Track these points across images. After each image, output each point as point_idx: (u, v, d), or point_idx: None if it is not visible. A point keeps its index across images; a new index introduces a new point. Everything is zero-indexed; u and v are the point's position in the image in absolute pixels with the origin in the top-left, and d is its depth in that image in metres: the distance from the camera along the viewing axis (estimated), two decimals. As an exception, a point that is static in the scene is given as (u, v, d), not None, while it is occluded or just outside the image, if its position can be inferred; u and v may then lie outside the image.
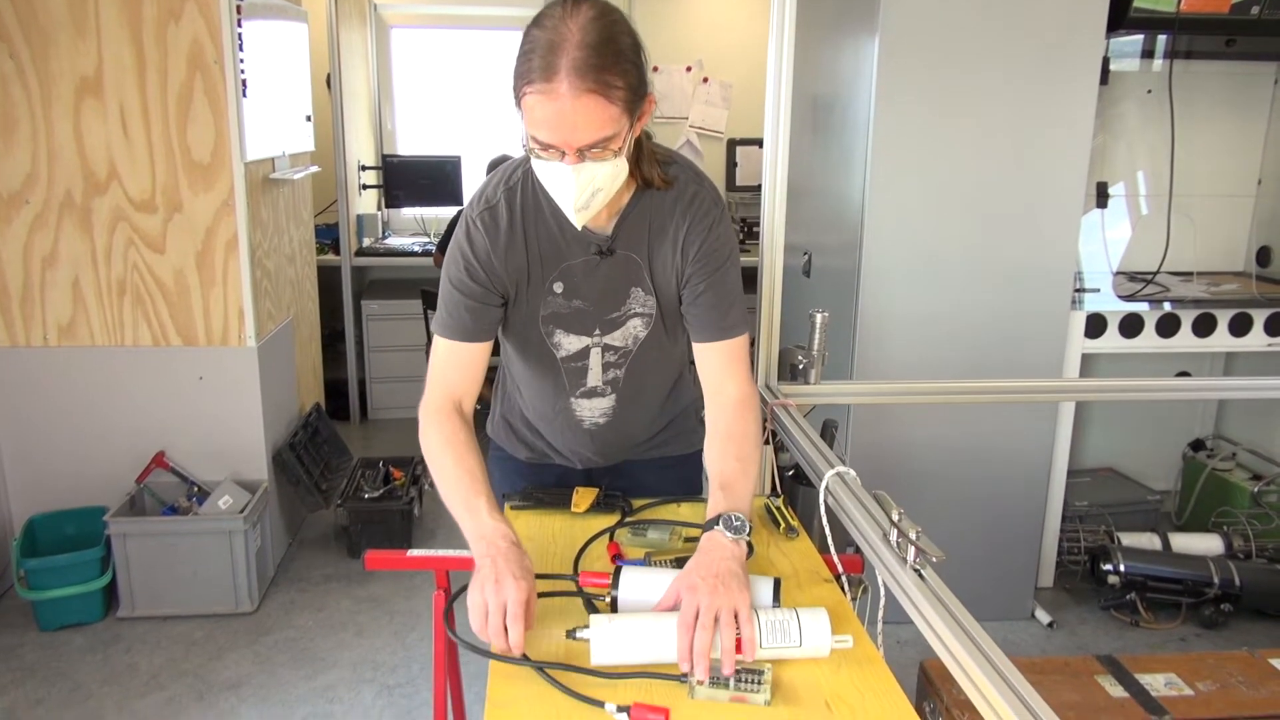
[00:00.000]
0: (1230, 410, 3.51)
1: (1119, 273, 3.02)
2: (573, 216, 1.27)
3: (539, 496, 1.54)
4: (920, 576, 1.12)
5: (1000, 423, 2.76)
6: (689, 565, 1.16)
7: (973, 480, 2.78)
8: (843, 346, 2.68)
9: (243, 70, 2.72)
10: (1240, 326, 2.91)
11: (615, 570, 1.20)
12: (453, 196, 4.75)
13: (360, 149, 4.76)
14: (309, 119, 3.51)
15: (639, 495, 1.55)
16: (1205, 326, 2.90)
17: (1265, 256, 3.19)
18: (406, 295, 4.38)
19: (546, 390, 1.50)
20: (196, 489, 2.91)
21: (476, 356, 1.39)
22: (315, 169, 3.58)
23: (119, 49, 2.65)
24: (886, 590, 1.18)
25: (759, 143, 3.40)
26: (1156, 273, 2.94)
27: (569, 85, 1.11)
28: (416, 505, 3.34)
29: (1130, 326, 2.88)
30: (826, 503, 1.37)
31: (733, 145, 4.98)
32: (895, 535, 1.17)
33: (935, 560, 1.12)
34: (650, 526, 1.44)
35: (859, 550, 1.29)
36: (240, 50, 2.70)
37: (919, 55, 2.51)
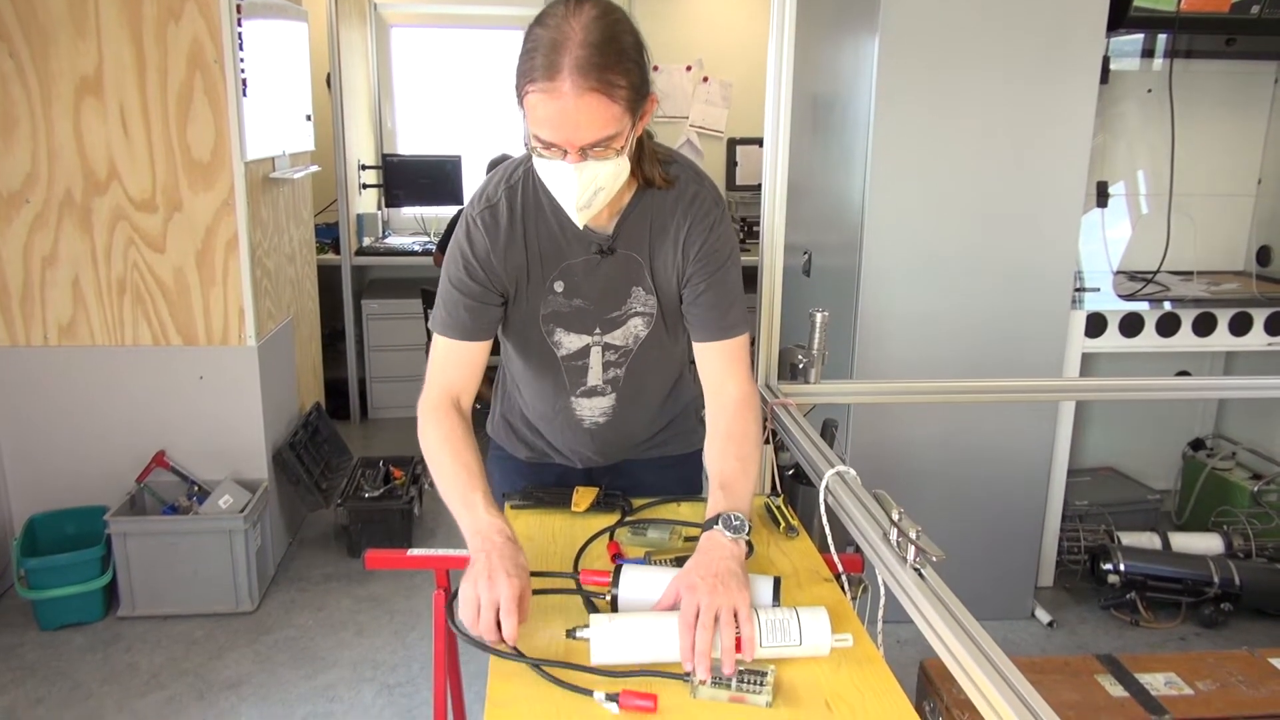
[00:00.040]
0: (1230, 410, 3.51)
1: (1119, 272, 3.02)
2: (575, 215, 1.27)
3: (539, 496, 1.54)
4: (920, 576, 1.12)
5: (1000, 422, 2.76)
6: (688, 564, 1.16)
7: (973, 480, 2.78)
8: (843, 346, 2.68)
9: (243, 70, 2.72)
10: (1240, 326, 2.91)
11: (615, 569, 1.20)
12: (453, 196, 4.75)
13: (360, 148, 4.76)
14: (309, 118, 3.51)
15: (639, 494, 1.55)
16: (1205, 326, 2.90)
17: (1265, 256, 3.19)
18: (406, 295, 4.38)
19: (546, 389, 1.50)
20: (197, 488, 2.91)
21: (475, 355, 1.39)
22: (315, 168, 3.58)
23: (119, 48, 2.65)
24: (886, 589, 1.18)
25: (759, 142, 3.40)
26: (1156, 272, 2.94)
27: (572, 84, 1.11)
28: (416, 504, 3.34)
29: (1130, 326, 2.88)
30: (826, 502, 1.37)
31: (733, 144, 4.98)
32: (895, 534, 1.17)
33: (935, 559, 1.12)
34: (650, 526, 1.45)
35: (859, 549, 1.29)
36: (240, 50, 2.70)
37: (919, 55, 2.51)
